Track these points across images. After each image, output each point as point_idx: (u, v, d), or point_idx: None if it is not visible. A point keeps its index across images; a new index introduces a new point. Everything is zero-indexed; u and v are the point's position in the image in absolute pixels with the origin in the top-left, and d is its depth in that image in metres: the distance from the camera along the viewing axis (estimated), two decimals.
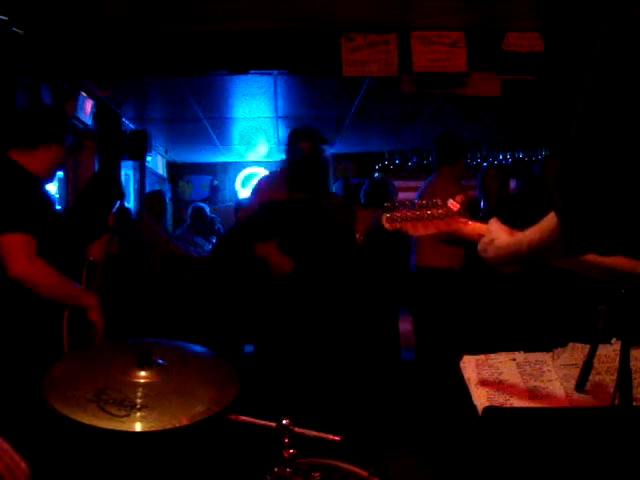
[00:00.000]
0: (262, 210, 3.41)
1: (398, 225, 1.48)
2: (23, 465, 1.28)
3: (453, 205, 1.45)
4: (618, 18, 0.79)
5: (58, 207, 4.45)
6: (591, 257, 1.11)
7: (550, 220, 0.95)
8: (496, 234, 1.29)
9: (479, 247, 1.34)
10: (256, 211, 3.47)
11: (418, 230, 1.47)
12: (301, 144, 3.54)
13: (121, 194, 4.04)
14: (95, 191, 3.91)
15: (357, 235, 3.41)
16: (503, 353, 1.50)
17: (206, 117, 6.28)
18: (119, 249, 2.73)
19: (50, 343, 2.15)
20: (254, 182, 4.05)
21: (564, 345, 1.47)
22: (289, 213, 3.31)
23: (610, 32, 0.80)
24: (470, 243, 1.41)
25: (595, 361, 1.30)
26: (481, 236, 1.38)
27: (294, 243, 3.26)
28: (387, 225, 1.49)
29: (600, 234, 0.84)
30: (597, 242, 0.87)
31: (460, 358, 1.52)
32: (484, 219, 1.43)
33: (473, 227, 1.43)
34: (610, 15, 0.80)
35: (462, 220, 1.46)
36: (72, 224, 3.56)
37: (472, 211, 1.58)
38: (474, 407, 1.37)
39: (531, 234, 1.06)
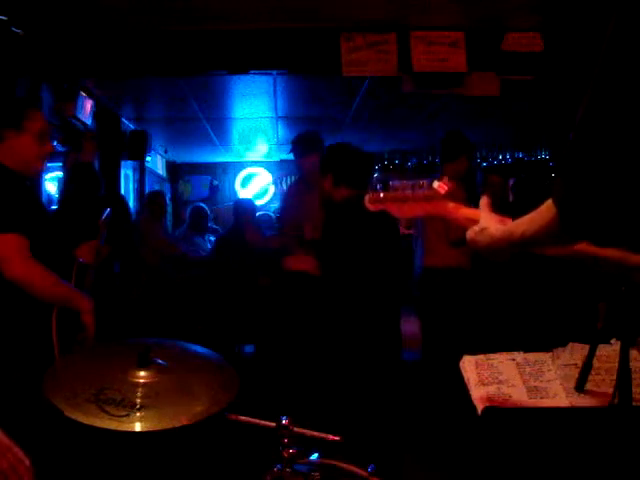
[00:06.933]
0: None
1: (382, 205, 1.43)
2: (27, 462, 1.28)
3: (440, 187, 1.40)
4: (629, 17, 0.79)
5: (55, 207, 4.45)
6: (582, 247, 1.11)
7: (545, 210, 0.95)
8: (486, 223, 1.27)
9: (467, 236, 1.31)
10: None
11: (403, 211, 1.42)
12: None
13: (108, 201, 4.05)
14: (75, 181, 3.94)
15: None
16: (503, 353, 1.49)
17: (206, 117, 6.28)
18: (109, 253, 2.68)
19: (40, 343, 2.14)
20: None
21: (564, 345, 1.47)
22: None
23: (620, 29, 0.80)
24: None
25: (595, 361, 1.30)
26: (470, 221, 1.36)
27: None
28: (370, 206, 1.44)
29: (599, 225, 0.85)
30: (595, 232, 0.87)
31: (460, 358, 1.52)
32: None
33: (463, 212, 1.39)
34: (620, 13, 0.80)
35: (450, 203, 1.41)
36: (59, 220, 3.56)
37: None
38: (474, 407, 1.37)
39: (524, 224, 1.06)
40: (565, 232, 0.92)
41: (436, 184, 1.40)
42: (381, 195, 1.43)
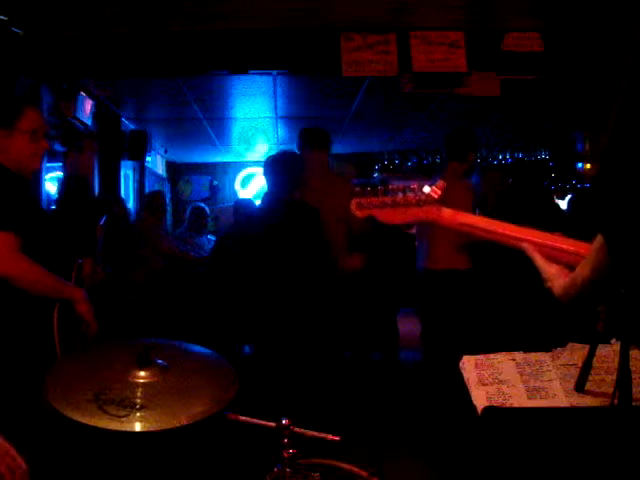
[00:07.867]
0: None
1: (369, 211, 1.36)
2: (24, 467, 1.28)
3: (434, 191, 1.34)
4: None
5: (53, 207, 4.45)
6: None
7: (596, 246, 0.93)
8: (551, 282, 1.24)
9: (557, 293, 1.24)
10: None
11: (395, 217, 1.35)
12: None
13: (106, 207, 4.06)
14: (69, 190, 3.95)
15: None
16: (503, 353, 1.49)
17: (206, 117, 6.28)
18: (106, 273, 2.69)
19: (41, 341, 2.14)
20: None
21: (564, 345, 1.47)
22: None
23: None
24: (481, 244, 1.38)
25: (595, 361, 1.30)
26: (466, 226, 1.33)
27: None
28: (357, 212, 1.37)
29: None
30: None
31: (460, 358, 1.52)
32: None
33: (459, 219, 1.35)
34: None
35: (446, 210, 1.35)
36: (57, 221, 3.56)
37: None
38: (474, 407, 1.37)
39: (581, 267, 1.04)
40: (614, 260, 0.89)
41: (427, 188, 1.35)
42: (368, 200, 1.37)
